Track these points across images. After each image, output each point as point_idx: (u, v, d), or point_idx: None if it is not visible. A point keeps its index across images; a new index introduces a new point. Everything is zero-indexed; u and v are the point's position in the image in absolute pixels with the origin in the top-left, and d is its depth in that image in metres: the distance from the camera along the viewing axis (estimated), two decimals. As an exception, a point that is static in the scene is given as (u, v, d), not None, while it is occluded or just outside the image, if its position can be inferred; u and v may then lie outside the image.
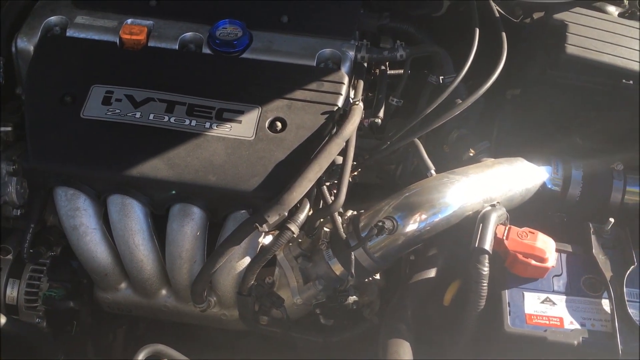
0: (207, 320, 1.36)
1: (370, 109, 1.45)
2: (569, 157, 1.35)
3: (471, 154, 1.37)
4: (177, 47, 1.37)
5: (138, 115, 1.25)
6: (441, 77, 1.42)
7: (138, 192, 1.21)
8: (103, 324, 1.48)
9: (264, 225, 1.15)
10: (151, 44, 1.37)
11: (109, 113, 1.25)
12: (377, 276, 1.29)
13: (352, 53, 1.38)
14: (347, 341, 1.30)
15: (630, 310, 1.10)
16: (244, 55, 1.36)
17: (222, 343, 1.56)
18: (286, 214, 1.17)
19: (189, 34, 1.38)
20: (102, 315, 1.43)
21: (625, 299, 1.11)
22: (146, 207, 1.23)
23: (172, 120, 1.25)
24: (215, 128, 1.25)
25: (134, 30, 1.36)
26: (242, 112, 1.27)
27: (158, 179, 1.19)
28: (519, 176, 1.30)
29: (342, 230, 1.21)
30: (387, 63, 1.48)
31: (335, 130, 1.25)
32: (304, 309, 1.28)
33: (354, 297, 1.24)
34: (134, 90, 1.28)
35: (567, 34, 1.34)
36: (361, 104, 1.29)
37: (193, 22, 1.40)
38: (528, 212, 1.33)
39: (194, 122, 1.25)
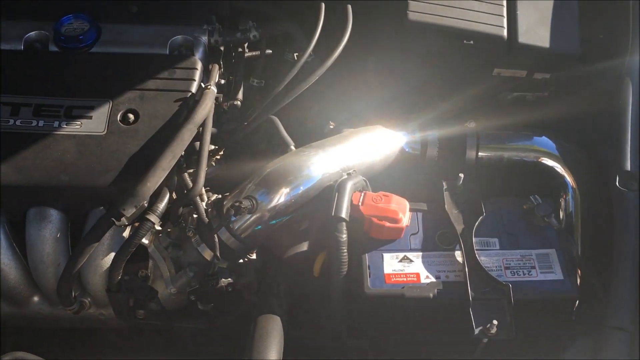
0: (85, 322, 1.33)
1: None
2: (425, 120, 1.40)
3: (332, 127, 1.39)
4: (22, 47, 1.33)
5: (-20, 121, 1.21)
6: (295, 54, 1.43)
7: (-12, 200, 1.18)
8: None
9: (123, 219, 1.14)
10: (-6, 46, 1.32)
11: (-52, 122, 1.21)
12: (254, 256, 1.31)
13: (204, 38, 1.37)
14: (230, 324, 1.31)
15: (480, 258, 1.16)
16: (94, 50, 1.34)
17: (115, 342, 1.54)
18: (145, 204, 1.16)
19: (33, 33, 1.35)
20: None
21: (475, 248, 1.16)
22: (0, 215, 1.20)
23: (17, 122, 1.22)
24: (65, 126, 1.22)
25: (-27, 34, 1.31)
26: (92, 108, 1.25)
27: (6, 184, 1.16)
28: (377, 143, 1.34)
29: (204, 214, 1.21)
30: (246, 45, 1.49)
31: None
32: (181, 298, 1.28)
33: (228, 279, 1.24)
34: (-25, 96, 1.24)
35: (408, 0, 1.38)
36: (214, 88, 1.29)
37: (38, 20, 1.36)
38: (395, 176, 1.38)
39: (41, 123, 1.22)
